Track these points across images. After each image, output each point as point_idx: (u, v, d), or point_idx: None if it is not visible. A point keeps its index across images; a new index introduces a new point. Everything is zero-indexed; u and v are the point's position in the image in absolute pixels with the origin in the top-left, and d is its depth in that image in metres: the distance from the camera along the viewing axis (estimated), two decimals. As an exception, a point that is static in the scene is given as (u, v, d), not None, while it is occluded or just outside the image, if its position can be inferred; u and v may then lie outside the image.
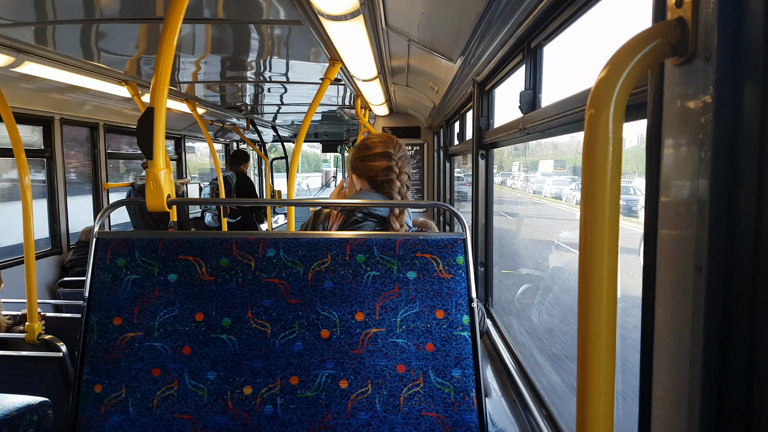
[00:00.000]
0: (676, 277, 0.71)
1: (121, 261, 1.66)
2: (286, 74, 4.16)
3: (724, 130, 0.63)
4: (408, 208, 1.91)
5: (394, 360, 1.58)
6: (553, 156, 6.70)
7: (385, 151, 1.92)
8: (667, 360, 0.74)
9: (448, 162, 5.51)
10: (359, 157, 1.96)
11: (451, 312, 1.61)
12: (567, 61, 2.53)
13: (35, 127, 4.72)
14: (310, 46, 3.07)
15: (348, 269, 1.64)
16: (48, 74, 3.44)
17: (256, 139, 8.42)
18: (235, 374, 1.59)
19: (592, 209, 0.66)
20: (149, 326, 1.61)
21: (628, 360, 1.89)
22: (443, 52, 2.63)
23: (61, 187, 4.88)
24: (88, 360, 1.60)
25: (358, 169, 1.95)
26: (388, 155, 1.92)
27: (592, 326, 0.67)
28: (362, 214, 1.86)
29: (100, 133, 5.41)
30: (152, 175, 1.60)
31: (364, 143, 1.98)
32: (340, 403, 1.56)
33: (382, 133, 2.06)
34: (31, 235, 2.70)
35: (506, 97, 2.73)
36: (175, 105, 5.12)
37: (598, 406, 0.68)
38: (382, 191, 1.92)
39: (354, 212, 1.87)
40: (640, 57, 0.67)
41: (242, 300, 1.63)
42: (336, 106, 6.46)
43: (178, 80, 4.26)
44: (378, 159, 1.92)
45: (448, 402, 1.56)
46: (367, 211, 1.86)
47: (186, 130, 7.50)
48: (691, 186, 0.67)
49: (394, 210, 1.86)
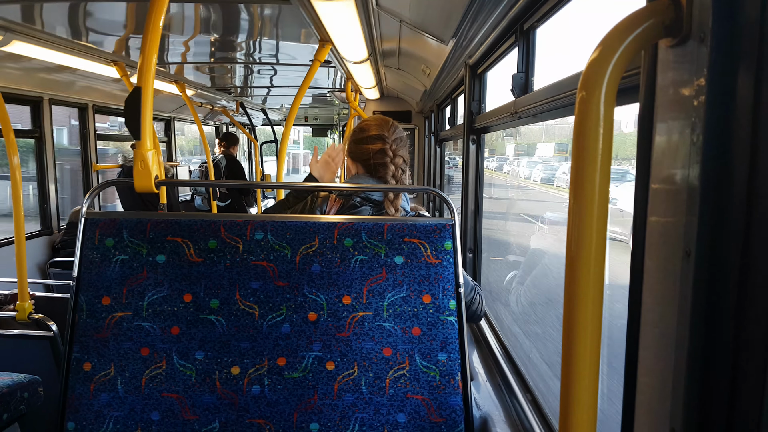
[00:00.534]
0: (664, 264, 0.71)
1: (109, 241, 1.66)
2: (275, 55, 4.11)
3: (717, 114, 0.61)
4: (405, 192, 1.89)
5: (380, 343, 1.59)
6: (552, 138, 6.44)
7: (379, 133, 1.88)
8: (653, 346, 0.73)
9: (438, 147, 5.49)
10: (354, 140, 1.92)
11: (438, 297, 1.61)
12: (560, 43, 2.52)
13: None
14: (299, 26, 3.03)
15: (336, 253, 1.63)
16: (36, 53, 3.40)
17: (245, 122, 8.35)
18: (223, 354, 1.59)
19: (581, 193, 0.65)
20: (138, 306, 1.61)
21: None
22: (435, 34, 2.60)
23: (51, 167, 4.83)
24: (77, 339, 1.60)
25: (352, 152, 1.92)
26: (382, 138, 1.87)
27: (578, 310, 0.66)
28: (360, 199, 1.84)
29: (90, 113, 5.35)
30: (140, 155, 1.59)
31: (359, 126, 1.95)
32: (327, 384, 1.57)
33: (379, 116, 2.01)
34: (21, 215, 2.69)
35: (498, 81, 2.72)
36: (164, 86, 5.06)
37: (582, 391, 0.67)
38: (376, 175, 1.88)
39: (352, 197, 1.85)
40: (632, 38, 0.65)
41: (230, 282, 1.63)
42: (326, 89, 6.41)
43: (167, 61, 4.21)
44: (372, 142, 1.87)
45: (434, 385, 1.57)
46: (365, 196, 1.84)
47: (175, 112, 7.43)
48: (682, 171, 0.66)
49: (389, 195, 1.83)
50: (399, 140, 1.90)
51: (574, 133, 0.67)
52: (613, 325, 2.10)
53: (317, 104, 8.50)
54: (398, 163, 1.89)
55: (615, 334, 1.95)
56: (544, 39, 1.96)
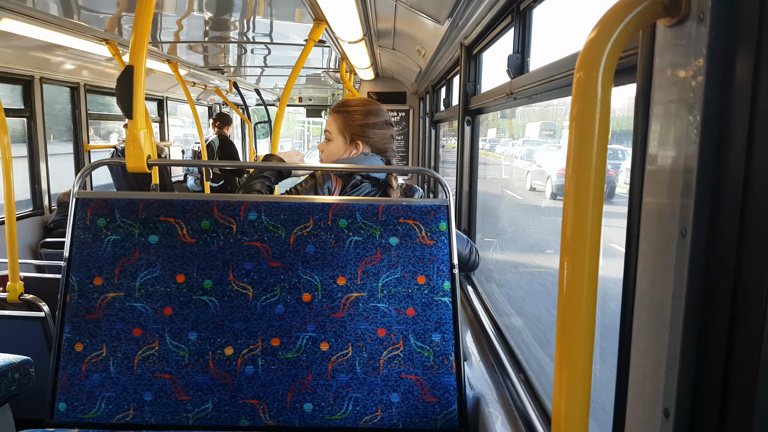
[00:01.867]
0: (659, 245, 0.71)
1: (101, 221, 1.64)
2: (269, 35, 4.07)
3: (715, 95, 0.61)
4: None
5: (374, 324, 1.59)
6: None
7: (388, 119, 2.00)
8: (647, 327, 0.74)
9: (433, 129, 5.46)
10: (365, 124, 1.93)
11: (433, 278, 1.62)
12: (557, 23, 2.50)
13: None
14: (294, 5, 3.00)
15: (330, 234, 1.63)
16: (27, 32, 3.35)
17: (239, 103, 8.28)
18: (216, 335, 1.59)
19: (577, 172, 0.65)
20: (130, 287, 1.61)
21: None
22: (430, 14, 2.57)
23: (42, 147, 4.79)
24: (69, 319, 1.59)
25: (363, 135, 1.94)
26: (390, 124, 2.01)
27: (572, 293, 0.67)
28: (360, 177, 1.89)
29: (81, 93, 5.29)
30: (132, 135, 1.57)
31: (369, 109, 1.96)
32: (321, 364, 1.57)
33: (373, 100, 2.07)
34: (11, 194, 2.66)
35: (494, 62, 2.70)
36: (156, 66, 5.00)
37: (575, 372, 0.68)
38: (384, 156, 1.98)
39: (353, 175, 1.90)
40: (631, 17, 0.64)
41: (224, 262, 1.62)
42: (321, 69, 6.35)
43: (160, 40, 4.15)
44: (384, 127, 1.98)
45: (428, 365, 1.58)
46: (365, 174, 1.88)
47: (168, 92, 7.35)
48: (678, 152, 0.66)
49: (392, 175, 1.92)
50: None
51: (572, 114, 0.66)
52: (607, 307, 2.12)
53: (311, 84, 8.43)
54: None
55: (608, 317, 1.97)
56: (540, 19, 1.95)
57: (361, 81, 6.63)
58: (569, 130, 0.65)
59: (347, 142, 1.95)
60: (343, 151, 1.95)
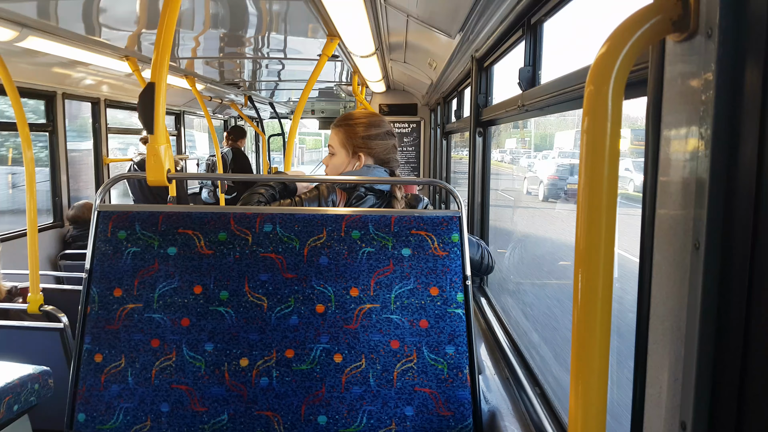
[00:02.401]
0: (673, 256, 0.71)
1: (122, 234, 1.68)
2: (284, 50, 4.12)
3: (725, 108, 0.62)
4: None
5: (388, 336, 1.60)
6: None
7: (389, 130, 2.00)
8: (662, 339, 0.74)
9: (445, 140, 5.48)
10: (366, 135, 1.95)
11: (446, 289, 1.62)
12: (568, 37, 2.51)
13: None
14: (308, 21, 3.04)
15: (343, 245, 1.64)
16: (50, 49, 3.44)
17: (253, 116, 8.37)
18: (232, 346, 1.60)
19: (590, 185, 0.66)
20: (149, 298, 1.63)
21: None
22: (442, 28, 2.60)
23: (63, 161, 4.88)
24: (89, 330, 1.62)
25: (365, 147, 1.95)
26: (392, 134, 2.01)
27: (587, 305, 0.67)
28: (364, 189, 1.90)
29: (102, 107, 5.38)
30: (153, 149, 1.60)
31: (371, 121, 1.98)
32: (334, 376, 1.58)
33: (374, 112, 2.12)
34: (34, 207, 2.71)
35: (505, 74, 2.71)
36: (174, 81, 5.09)
37: (591, 385, 0.68)
38: (387, 166, 1.99)
39: (357, 188, 1.91)
40: (640, 33, 0.66)
41: (239, 274, 1.64)
42: (333, 83, 6.41)
43: (178, 56, 4.23)
44: (385, 138, 1.98)
45: (442, 378, 1.58)
46: (369, 186, 1.90)
47: (185, 106, 7.46)
48: (690, 164, 0.67)
49: (396, 187, 1.93)
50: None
51: (582, 127, 0.67)
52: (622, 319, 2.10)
53: (324, 97, 8.50)
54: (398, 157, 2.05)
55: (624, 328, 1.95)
56: (551, 32, 1.96)
57: (373, 93, 6.68)
58: (581, 143, 0.66)
59: (350, 155, 1.96)
60: (347, 164, 1.97)
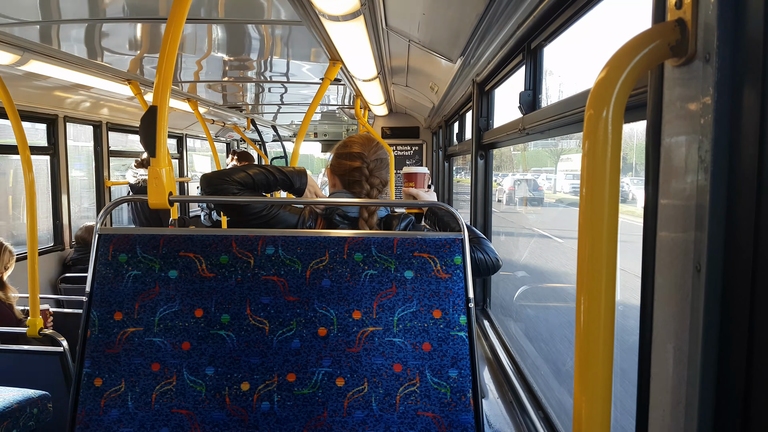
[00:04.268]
0: (675, 279, 0.71)
1: (122, 257, 1.67)
2: (286, 74, 4.17)
3: (723, 132, 0.62)
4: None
5: (390, 359, 1.58)
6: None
7: (359, 152, 1.90)
8: (666, 361, 0.74)
9: (447, 162, 5.51)
10: (336, 154, 1.97)
11: (449, 312, 1.61)
12: (567, 61, 2.54)
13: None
14: (310, 46, 3.08)
15: (346, 268, 1.64)
16: (52, 73, 3.47)
17: (256, 139, 8.42)
18: (233, 370, 1.59)
19: (591, 209, 0.66)
20: (149, 321, 1.62)
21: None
22: (443, 53, 2.63)
23: (64, 184, 4.89)
24: (89, 354, 1.61)
25: (333, 166, 1.96)
26: (362, 156, 1.89)
27: (590, 329, 0.67)
28: (339, 217, 1.85)
29: (103, 131, 5.42)
30: (154, 172, 1.60)
31: (344, 141, 1.99)
32: (337, 401, 1.56)
33: (365, 135, 2.05)
34: (35, 230, 2.71)
35: (506, 98, 2.74)
36: (177, 104, 5.13)
37: (595, 409, 0.67)
38: (350, 191, 1.91)
39: (333, 215, 1.86)
40: (639, 58, 0.67)
41: (241, 297, 1.63)
42: (336, 106, 6.47)
43: (180, 79, 4.27)
44: (351, 159, 1.91)
45: (445, 402, 1.56)
46: (342, 213, 1.85)
47: (187, 129, 7.51)
48: (690, 187, 0.67)
49: (363, 213, 1.85)
50: (379, 161, 1.92)
51: (583, 150, 0.68)
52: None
53: (326, 120, 8.57)
54: (374, 183, 1.91)
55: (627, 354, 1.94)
56: (551, 57, 1.98)
57: (375, 117, 6.74)
58: (581, 166, 0.67)
59: (328, 176, 2.00)
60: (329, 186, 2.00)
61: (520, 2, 1.61)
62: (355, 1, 1.93)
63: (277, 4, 2.29)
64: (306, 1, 1.97)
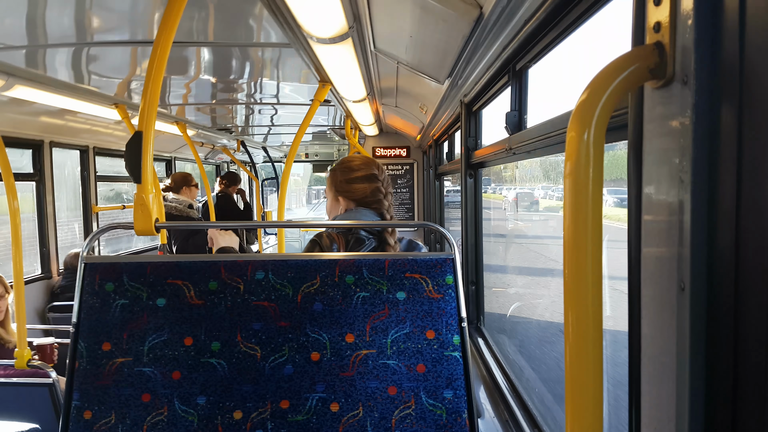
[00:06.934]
0: (661, 296, 0.72)
1: (109, 286, 1.64)
2: (276, 96, 4.19)
3: (702, 152, 0.64)
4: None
5: (385, 382, 1.57)
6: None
7: (371, 173, 2.02)
8: (655, 379, 0.74)
9: (437, 181, 5.53)
10: (345, 179, 2.02)
11: (442, 332, 1.61)
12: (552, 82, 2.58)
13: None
14: (299, 68, 3.10)
15: (337, 291, 1.63)
16: (38, 98, 3.43)
17: (246, 160, 8.43)
18: (225, 399, 1.57)
19: (574, 228, 0.67)
20: (138, 351, 1.59)
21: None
22: (431, 74, 2.66)
23: (51, 211, 4.83)
24: (78, 386, 1.57)
25: (344, 191, 2.02)
26: (375, 177, 2.02)
27: (578, 344, 0.67)
28: (365, 232, 1.93)
29: (90, 155, 5.39)
30: (140, 198, 1.58)
31: (348, 166, 2.05)
32: (331, 426, 1.54)
33: (362, 156, 2.16)
34: (20, 259, 2.66)
35: (494, 117, 2.77)
36: (165, 127, 5.12)
37: (586, 423, 0.68)
38: (372, 209, 2.01)
39: (356, 231, 1.93)
40: (619, 81, 0.68)
41: (231, 323, 1.61)
42: (326, 127, 6.50)
43: (169, 102, 4.27)
44: (365, 181, 2.01)
45: (441, 424, 1.55)
46: (369, 229, 1.93)
47: (176, 152, 7.50)
48: (671, 206, 0.68)
49: (388, 228, 1.93)
50: (387, 179, 2.07)
51: (565, 171, 0.69)
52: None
53: (317, 141, 8.60)
54: (390, 200, 2.06)
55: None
56: (535, 78, 2.02)
57: (366, 137, 6.77)
58: (564, 187, 0.68)
59: (336, 199, 2.05)
60: (334, 207, 2.06)
61: (505, 25, 1.64)
62: (343, 24, 1.96)
63: (267, 27, 2.31)
64: (294, 24, 1.99)
